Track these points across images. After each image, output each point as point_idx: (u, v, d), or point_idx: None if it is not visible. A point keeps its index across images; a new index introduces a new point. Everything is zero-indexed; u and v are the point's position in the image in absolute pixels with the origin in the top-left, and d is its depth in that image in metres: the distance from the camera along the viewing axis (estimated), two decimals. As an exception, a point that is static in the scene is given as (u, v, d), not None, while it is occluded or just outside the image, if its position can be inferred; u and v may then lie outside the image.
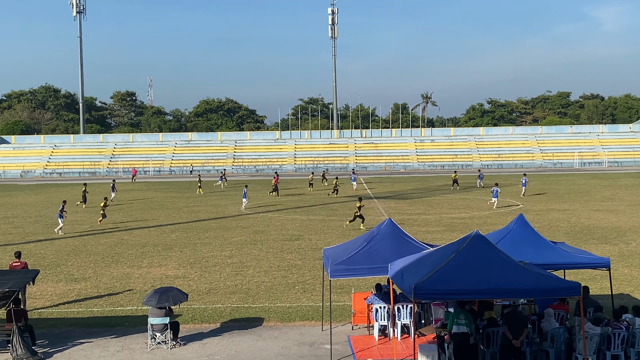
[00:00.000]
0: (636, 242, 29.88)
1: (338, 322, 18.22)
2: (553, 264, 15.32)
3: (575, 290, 12.76)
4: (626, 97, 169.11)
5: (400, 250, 15.54)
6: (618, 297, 19.20)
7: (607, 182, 67.79)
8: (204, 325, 18.34)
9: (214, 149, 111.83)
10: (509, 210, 43.33)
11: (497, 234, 16.96)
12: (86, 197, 51.81)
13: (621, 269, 24.05)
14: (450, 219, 39.55)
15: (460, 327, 13.82)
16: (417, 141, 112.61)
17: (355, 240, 17.52)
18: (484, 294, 12.97)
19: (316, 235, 34.01)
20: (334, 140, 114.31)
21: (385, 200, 52.28)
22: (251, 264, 26.61)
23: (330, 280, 15.90)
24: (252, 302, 20.65)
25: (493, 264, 12.98)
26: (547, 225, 35.28)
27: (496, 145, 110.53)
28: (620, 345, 14.42)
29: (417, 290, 12.30)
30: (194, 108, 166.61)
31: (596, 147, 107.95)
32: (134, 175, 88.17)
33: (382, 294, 17.00)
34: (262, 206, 49.02)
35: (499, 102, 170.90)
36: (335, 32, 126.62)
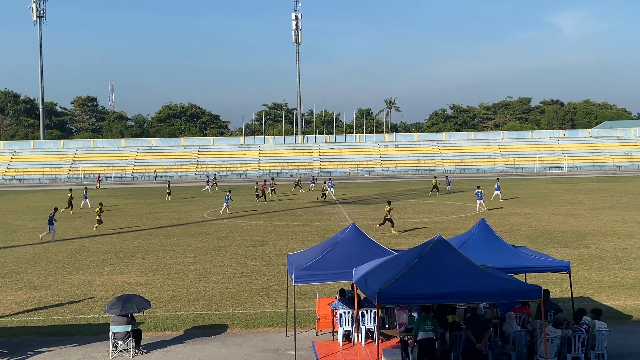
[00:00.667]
0: (595, 246, 30.40)
1: (302, 328, 18.19)
2: (514, 268, 15.50)
3: (536, 293, 12.93)
4: (585, 103, 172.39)
5: (364, 255, 15.57)
6: (578, 300, 19.51)
7: (567, 186, 68.90)
8: (167, 333, 18.16)
9: (177, 155, 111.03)
10: (487, 213, 43.78)
11: (460, 238, 17.12)
12: (72, 203, 50.92)
13: (581, 272, 24.45)
14: (414, 223, 39.80)
15: (427, 332, 13.87)
16: (381, 146, 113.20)
17: (319, 245, 17.53)
18: (447, 298, 13.07)
19: (280, 241, 33.94)
20: (298, 146, 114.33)
21: (349, 206, 52.41)
22: (215, 271, 26.45)
23: (295, 286, 15.88)
24: (216, 309, 20.51)
25: (456, 268, 13.10)
26: (508, 229, 35.71)
27: (459, 151, 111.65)
28: (580, 348, 14.64)
29: (381, 295, 12.35)
30: (157, 113, 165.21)
31: (556, 152, 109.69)
32: (99, 181, 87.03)
33: (346, 299, 17.02)
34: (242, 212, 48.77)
35: (462, 108, 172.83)
36: (299, 37, 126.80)
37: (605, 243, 31.10)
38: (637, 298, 20.84)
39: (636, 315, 18.97)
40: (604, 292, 21.68)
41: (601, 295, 21.24)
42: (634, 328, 17.83)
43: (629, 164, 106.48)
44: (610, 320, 17.35)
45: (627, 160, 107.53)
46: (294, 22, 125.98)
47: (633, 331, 17.51)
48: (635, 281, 23.11)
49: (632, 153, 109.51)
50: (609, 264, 26.19)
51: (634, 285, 22.47)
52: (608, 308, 19.23)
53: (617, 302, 20.31)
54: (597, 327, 14.91)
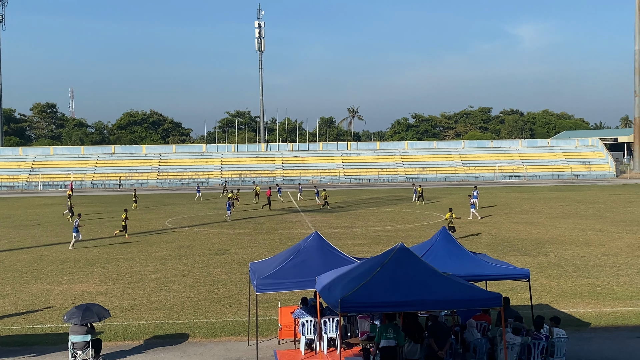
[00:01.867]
0: (554, 254, 30.85)
1: (264, 337, 18.11)
2: (475, 275, 15.65)
3: (497, 301, 13.06)
4: (544, 113, 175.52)
5: (327, 263, 15.58)
6: (537, 307, 19.76)
7: (527, 195, 69.87)
8: (127, 343, 17.90)
9: (138, 162, 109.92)
10: (434, 223, 44.12)
11: (422, 247, 17.24)
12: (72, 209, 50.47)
13: (540, 279, 24.78)
14: (376, 231, 39.96)
15: (389, 341, 13.89)
16: (344, 155, 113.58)
17: (281, 254, 17.50)
18: (409, 306, 13.12)
19: (243, 249, 33.78)
20: (260, 154, 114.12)
21: (311, 214, 52.41)
22: (176, 279, 26.19)
23: (257, 295, 15.81)
24: (177, 318, 20.31)
25: (418, 276, 13.16)
26: (469, 238, 36.06)
27: (420, 159, 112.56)
28: (540, 355, 14.82)
29: (344, 303, 12.35)
30: (117, 120, 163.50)
31: (516, 161, 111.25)
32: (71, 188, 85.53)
33: (309, 307, 17.00)
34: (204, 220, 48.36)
35: (423, 117, 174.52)
36: (262, 45, 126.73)
37: (564, 251, 31.58)
38: (595, 305, 21.19)
39: (594, 323, 19.28)
40: (563, 299, 21.99)
41: (560, 302, 21.54)
42: (592, 335, 18.11)
43: (587, 173, 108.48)
44: (569, 327, 17.61)
45: (585, 170, 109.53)
46: (256, 30, 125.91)
47: (591, 338, 17.79)
48: (593, 289, 23.50)
49: (589, 162, 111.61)
50: (568, 271, 26.60)
51: (591, 293, 22.85)
52: (567, 315, 19.51)
53: (575, 310, 20.62)
54: (556, 334, 15.11)
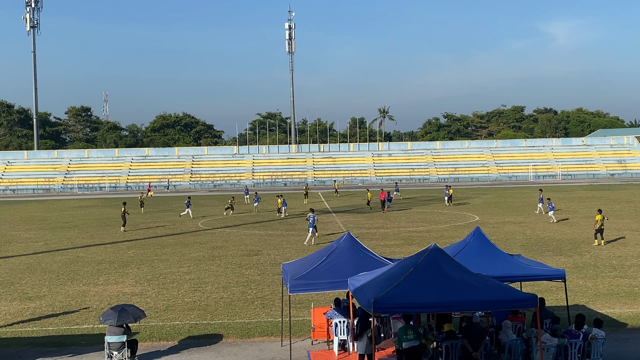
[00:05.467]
0: (590, 254, 30.45)
1: (297, 337, 18.15)
2: (510, 276, 15.52)
3: (532, 302, 12.93)
4: (578, 111, 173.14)
5: (359, 264, 15.58)
6: (573, 308, 19.52)
7: (561, 194, 69.02)
8: (162, 343, 18.09)
9: (171, 164, 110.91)
10: (467, 224, 43.80)
11: (455, 247, 17.14)
12: (125, 217, 45.04)
13: (576, 280, 24.47)
14: (408, 232, 39.80)
15: (411, 342, 13.86)
16: (375, 155, 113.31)
17: (314, 255, 17.52)
18: (443, 307, 13.06)
19: (275, 250, 33.89)
20: (292, 155, 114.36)
21: (343, 215, 52.39)
22: (209, 280, 26.38)
23: (290, 296, 15.86)
24: (211, 319, 20.45)
25: (451, 277, 13.10)
26: (503, 238, 35.74)
27: (452, 159, 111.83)
28: (577, 355, 14.65)
29: (377, 304, 12.34)
30: (151, 123, 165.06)
31: (550, 160, 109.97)
32: (149, 189, 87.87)
33: (342, 308, 17.00)
34: (236, 221, 48.65)
35: (455, 117, 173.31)
36: (293, 47, 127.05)
37: (600, 251, 31.15)
38: (632, 306, 20.87)
39: (631, 323, 19.00)
40: (599, 300, 21.70)
41: (596, 303, 21.26)
42: (629, 336, 17.85)
43: (623, 172, 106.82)
44: (605, 328, 17.35)
45: (620, 169, 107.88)
46: (287, 32, 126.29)
47: (628, 339, 17.53)
48: (629, 289, 23.14)
49: (625, 161, 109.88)
50: (604, 272, 26.23)
51: (628, 293, 22.51)
52: (603, 316, 19.24)
53: (612, 310, 20.33)
54: (595, 334, 14.92)
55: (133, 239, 39.93)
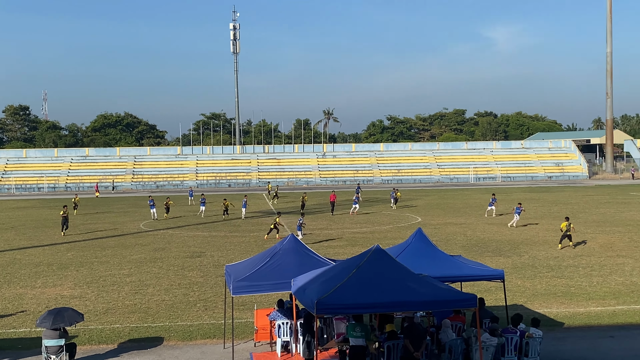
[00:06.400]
0: (528, 255, 31.13)
1: (240, 340, 18.06)
2: (450, 277, 15.76)
3: (472, 302, 13.15)
4: (517, 115, 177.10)
5: (303, 265, 15.60)
6: (512, 307, 19.92)
7: (500, 196, 70.28)
8: (102, 346, 17.76)
9: (113, 165, 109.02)
10: (409, 225, 44.28)
11: (397, 248, 17.31)
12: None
13: (514, 280, 24.99)
14: (352, 233, 40.03)
15: (357, 339, 13.97)
16: (319, 157, 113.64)
17: (257, 256, 17.47)
18: (385, 308, 13.17)
19: (218, 251, 33.65)
20: (236, 156, 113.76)
21: (287, 216, 52.29)
22: (151, 282, 26.02)
23: (233, 297, 15.77)
24: (152, 322, 20.17)
25: (393, 277, 13.22)
26: (444, 239, 36.26)
27: (395, 161, 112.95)
28: (513, 352, 14.96)
29: (320, 305, 12.36)
30: (91, 123, 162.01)
31: (490, 163, 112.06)
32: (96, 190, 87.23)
33: (285, 309, 16.99)
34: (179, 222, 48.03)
35: (399, 119, 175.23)
36: (237, 47, 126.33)
37: (538, 252, 31.88)
38: (569, 305, 21.43)
39: (568, 323, 19.50)
40: (537, 299, 22.21)
41: (534, 302, 21.75)
42: (566, 335, 18.31)
43: (560, 174, 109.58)
44: (543, 327, 17.76)
45: (558, 171, 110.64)
46: (232, 32, 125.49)
47: (565, 338, 17.98)
48: (566, 289, 23.75)
49: (562, 164, 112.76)
50: (542, 272, 26.86)
51: (565, 293, 23.09)
52: (541, 315, 19.69)
53: (549, 310, 20.83)
54: (532, 332, 15.25)
55: (72, 240, 39.10)
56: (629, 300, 22.04)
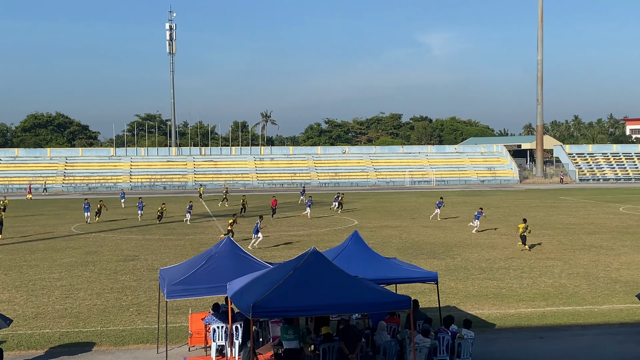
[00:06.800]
0: (462, 257, 31.70)
1: (174, 344, 17.82)
2: (385, 279, 15.90)
3: (406, 303, 13.29)
4: (452, 120, 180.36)
5: (239, 268, 15.50)
6: (445, 309, 20.23)
7: (435, 199, 71.31)
8: (31, 352, 17.26)
9: (43, 166, 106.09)
10: (346, 228, 44.55)
11: (333, 251, 17.38)
12: None
13: (448, 282, 25.40)
14: (289, 236, 40.01)
15: (291, 342, 13.96)
16: (257, 159, 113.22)
17: (193, 259, 17.29)
18: (321, 310, 13.20)
19: (152, 255, 33.14)
20: (172, 158, 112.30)
21: (224, 219, 51.94)
22: (82, 287, 25.43)
23: (167, 301, 15.55)
24: (83, 326, 19.72)
25: (329, 280, 13.27)
26: (380, 242, 36.60)
27: (333, 164, 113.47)
28: (446, 352, 15.19)
29: (255, 308, 12.30)
30: (21, 122, 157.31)
31: (425, 167, 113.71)
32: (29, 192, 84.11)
33: (220, 313, 16.84)
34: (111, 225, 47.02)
35: (336, 122, 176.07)
36: (174, 48, 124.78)
37: (470, 254, 32.50)
38: (500, 307, 21.89)
39: (499, 324, 19.91)
40: (469, 301, 22.62)
41: (466, 304, 22.15)
42: (497, 336, 18.70)
43: (492, 178, 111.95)
44: (475, 328, 18.09)
45: (490, 175, 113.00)
46: (168, 32, 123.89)
47: (496, 339, 18.36)
48: (497, 291, 24.27)
49: (494, 168, 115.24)
50: (474, 274, 27.38)
51: (496, 295, 23.59)
52: (473, 317, 20.06)
53: (481, 311, 21.24)
54: (464, 334, 15.52)
55: (1, 244, 37.89)
56: (557, 301, 22.68)
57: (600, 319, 20.50)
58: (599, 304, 22.24)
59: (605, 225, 44.61)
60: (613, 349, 17.52)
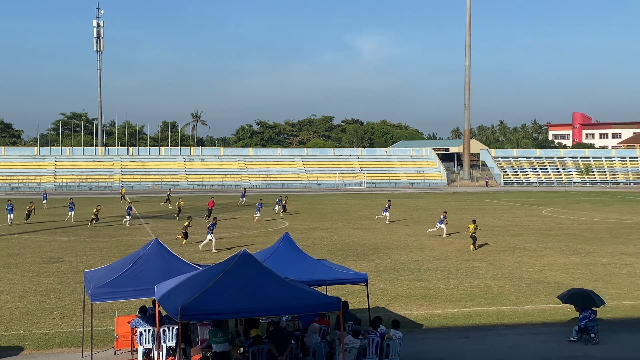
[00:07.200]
0: (391, 258, 32.08)
1: (100, 348, 17.43)
2: (316, 280, 15.95)
3: (336, 305, 13.36)
4: (382, 123, 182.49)
5: (167, 271, 15.30)
6: (374, 310, 20.43)
7: (365, 202, 72.18)
8: (-53, 359, 16.60)
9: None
10: (277, 229, 44.48)
11: (264, 253, 17.33)
12: None
13: (377, 283, 25.66)
14: (219, 238, 39.63)
15: (219, 345, 13.85)
16: (187, 160, 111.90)
17: (120, 261, 16.98)
18: (251, 313, 13.14)
19: (77, 257, 32.32)
20: (98, 158, 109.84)
21: (152, 220, 51.17)
22: (4, 289, 24.60)
23: (92, 304, 15.21)
24: (5, 330, 19.08)
25: (260, 282, 13.21)
26: (311, 244, 36.69)
27: (264, 166, 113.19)
28: (375, 353, 15.34)
29: (184, 311, 12.15)
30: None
31: (356, 169, 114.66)
32: None
33: (147, 316, 16.55)
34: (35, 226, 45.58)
35: (268, 124, 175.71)
36: (101, 45, 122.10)
37: (399, 255, 32.93)
38: (427, 307, 22.25)
39: (426, 324, 20.24)
40: (398, 302, 22.91)
41: (395, 305, 22.42)
42: (424, 336, 19.00)
43: (421, 181, 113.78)
44: (403, 329, 18.34)
45: (419, 178, 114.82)
46: (95, 29, 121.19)
47: (424, 339, 18.65)
48: (425, 291, 24.66)
49: (423, 171, 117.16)
50: (403, 275, 27.75)
51: (424, 295, 23.97)
52: (401, 317, 20.31)
53: (409, 312, 21.54)
54: (392, 334, 15.71)
55: None
56: (483, 302, 23.20)
57: (524, 318, 21.09)
58: (523, 304, 22.87)
59: (529, 227, 45.91)
60: (535, 348, 18.04)
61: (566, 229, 45.31)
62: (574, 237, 40.38)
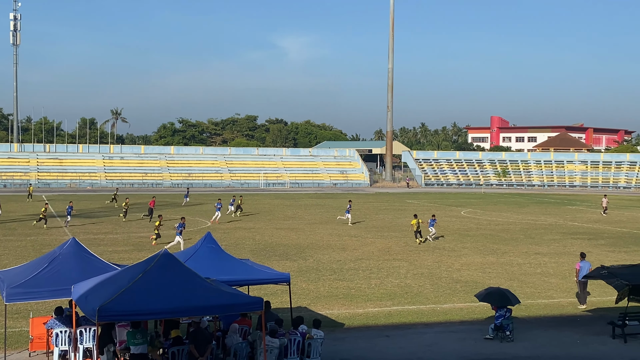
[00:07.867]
0: (313, 258, 32.24)
1: (14, 350, 16.89)
2: (238, 280, 15.91)
3: (258, 305, 13.36)
4: (306, 124, 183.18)
5: (85, 271, 14.99)
6: (297, 310, 20.50)
7: (289, 202, 72.28)
8: None
9: None
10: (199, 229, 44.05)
11: (186, 253, 17.18)
12: None
13: (300, 283, 25.75)
14: (139, 238, 38.98)
15: (138, 347, 13.65)
16: (106, 158, 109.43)
17: (35, 261, 16.52)
18: (171, 313, 12.99)
19: (-10, 256, 31.19)
20: (13, 155, 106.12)
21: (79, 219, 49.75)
22: None
23: (6, 305, 14.73)
24: None
25: (180, 283, 13.09)
26: (233, 243, 36.49)
27: (187, 165, 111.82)
28: (296, 353, 15.41)
29: (102, 312, 11.93)
30: None
31: (279, 169, 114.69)
32: None
33: (64, 317, 16.14)
34: None
35: (190, 122, 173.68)
36: (18, 39, 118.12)
37: (322, 255, 33.13)
38: (349, 307, 22.48)
39: (348, 323, 20.45)
40: (320, 302, 23.06)
41: (317, 305, 22.56)
42: (345, 335, 19.19)
43: (344, 181, 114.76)
44: (325, 328, 18.48)
45: (342, 178, 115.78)
46: (12, 22, 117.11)
47: (345, 338, 18.84)
48: (347, 291, 24.90)
49: (346, 172, 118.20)
50: (325, 275, 27.94)
51: (346, 295, 24.21)
52: (323, 317, 20.46)
53: (331, 311, 21.71)
54: (313, 334, 15.81)
55: None
56: (403, 301, 23.61)
57: (442, 317, 21.58)
58: (441, 303, 23.39)
59: (448, 227, 46.94)
60: (453, 346, 18.48)
61: (483, 229, 46.57)
62: (490, 238, 41.55)
